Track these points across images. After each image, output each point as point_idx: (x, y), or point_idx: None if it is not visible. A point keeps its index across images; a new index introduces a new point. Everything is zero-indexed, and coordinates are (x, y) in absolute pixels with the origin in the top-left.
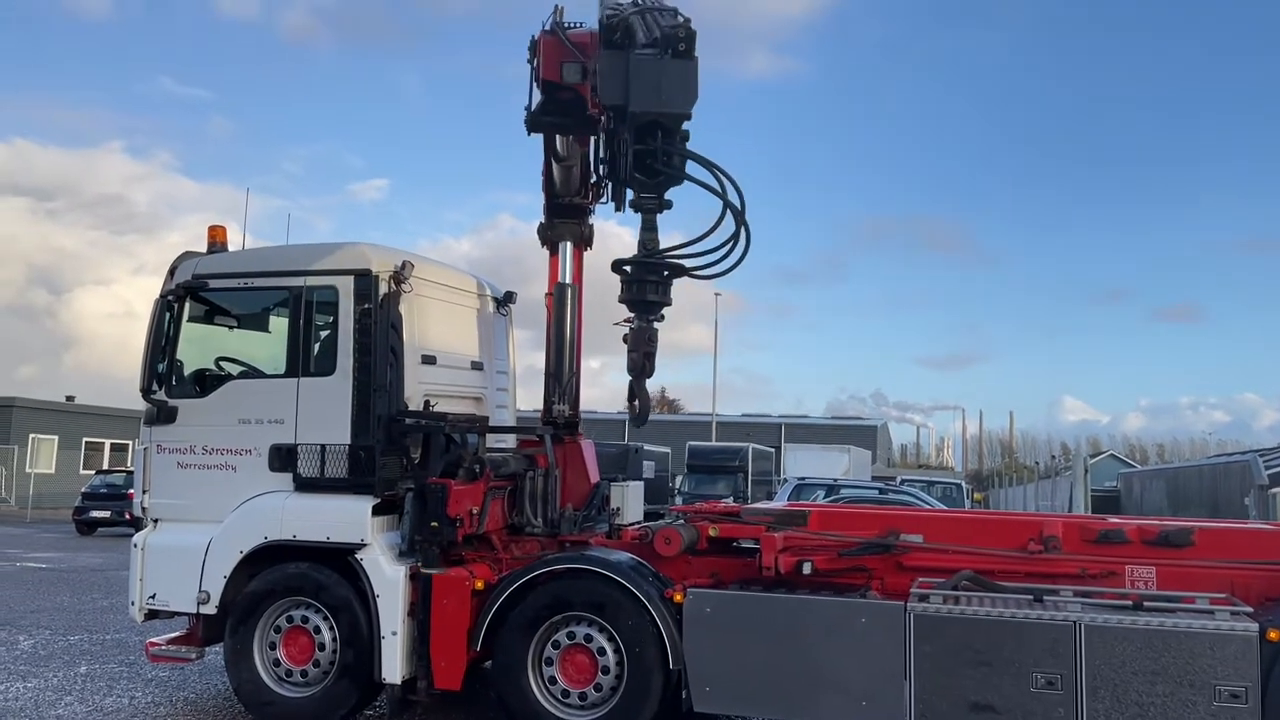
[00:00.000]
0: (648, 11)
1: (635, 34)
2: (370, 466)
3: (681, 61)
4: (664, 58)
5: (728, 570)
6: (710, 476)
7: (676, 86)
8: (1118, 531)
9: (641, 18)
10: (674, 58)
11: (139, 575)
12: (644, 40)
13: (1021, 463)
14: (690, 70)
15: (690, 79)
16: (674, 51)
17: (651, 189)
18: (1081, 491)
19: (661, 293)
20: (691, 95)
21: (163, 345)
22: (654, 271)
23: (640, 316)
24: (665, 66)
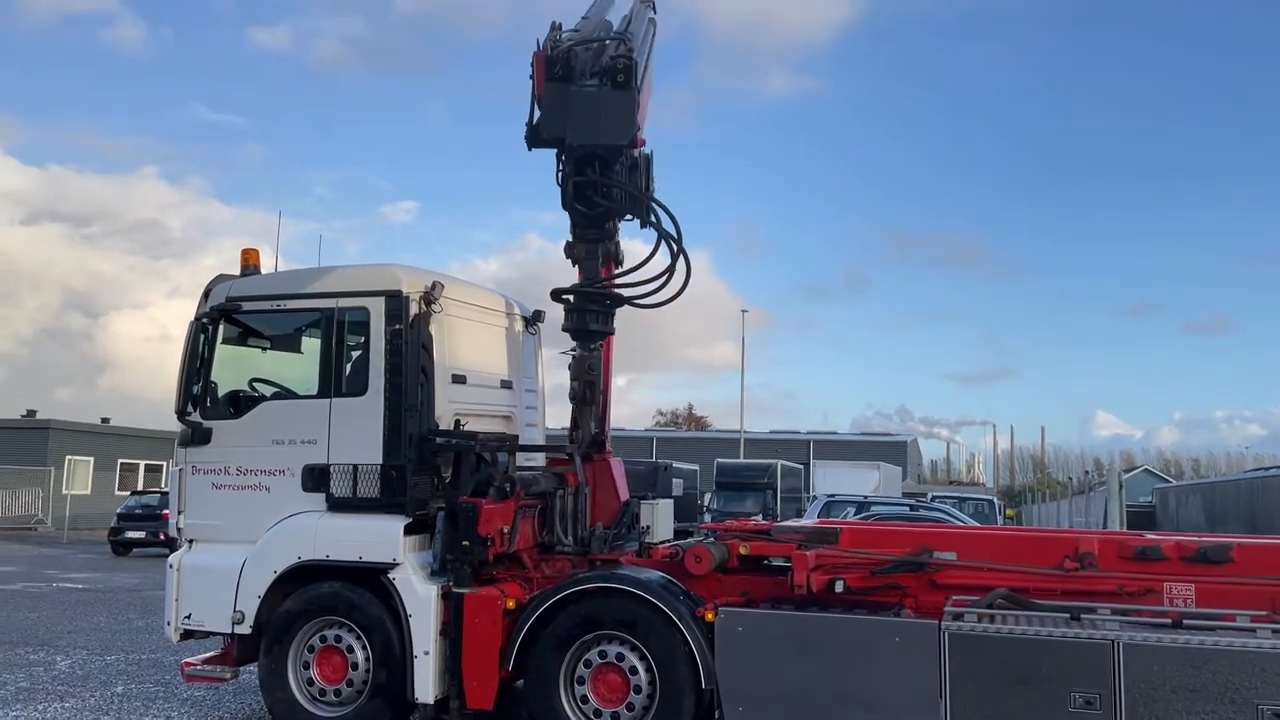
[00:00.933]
0: (589, 43)
1: (576, 67)
2: (402, 486)
3: (619, 93)
4: (603, 90)
5: (759, 589)
6: (739, 494)
7: (613, 119)
8: (1155, 548)
9: (583, 50)
10: (613, 89)
11: (174, 595)
12: (584, 73)
13: (1054, 478)
14: (627, 102)
15: (627, 111)
16: (613, 83)
17: (592, 220)
18: (1116, 507)
19: (603, 322)
20: (627, 127)
21: (197, 367)
22: (596, 301)
23: (582, 345)
24: (602, 99)
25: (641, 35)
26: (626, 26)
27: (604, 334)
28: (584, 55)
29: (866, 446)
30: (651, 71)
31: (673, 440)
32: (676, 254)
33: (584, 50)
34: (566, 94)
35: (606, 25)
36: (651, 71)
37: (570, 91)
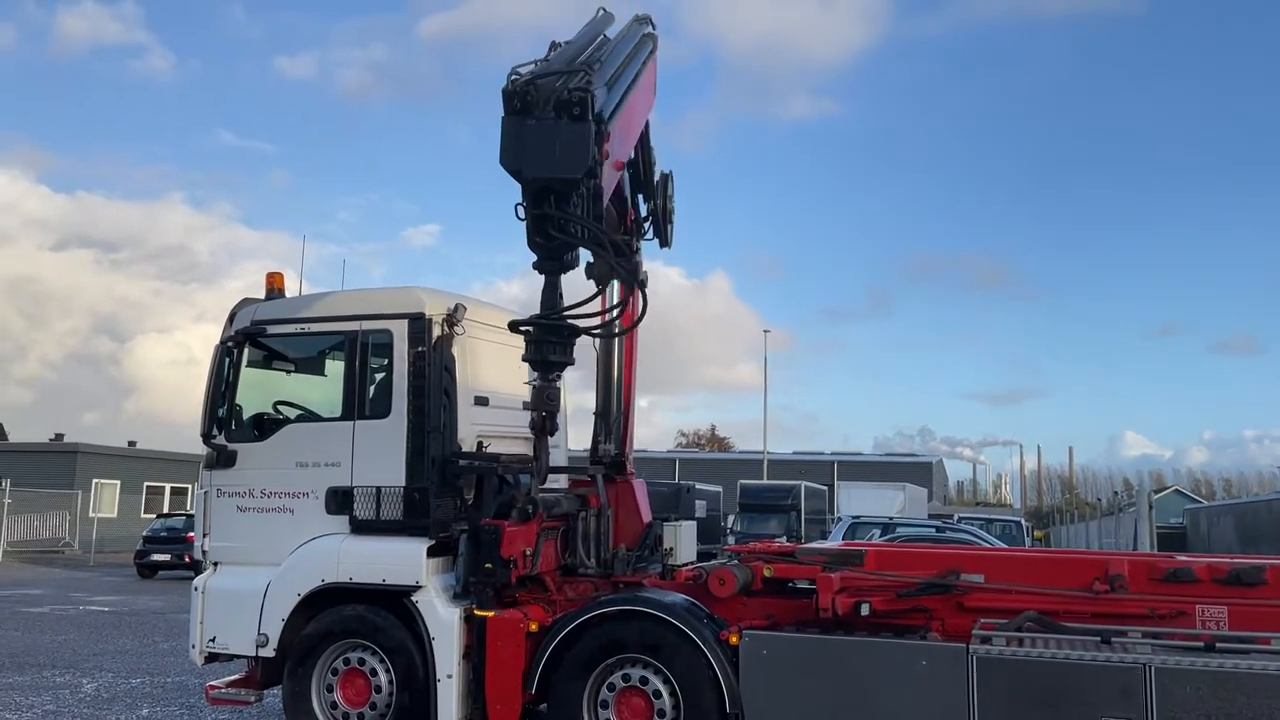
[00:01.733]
0: (546, 76)
1: (533, 101)
2: (425, 508)
3: (574, 126)
4: (558, 123)
5: (783, 612)
6: (762, 515)
7: (567, 152)
8: (1186, 570)
9: (544, 82)
10: (570, 122)
11: (199, 618)
12: (543, 106)
13: (1083, 499)
14: (582, 135)
15: (581, 144)
16: (569, 116)
17: (550, 252)
18: (1146, 528)
19: (562, 353)
20: (581, 161)
21: (222, 390)
22: (554, 332)
23: (542, 376)
24: (558, 132)
25: (623, 57)
26: (596, 51)
27: (563, 364)
28: (545, 87)
29: (891, 467)
30: (643, 89)
31: (695, 461)
32: (632, 287)
33: (544, 82)
34: (523, 128)
35: (586, 48)
36: (643, 89)
37: (526, 125)
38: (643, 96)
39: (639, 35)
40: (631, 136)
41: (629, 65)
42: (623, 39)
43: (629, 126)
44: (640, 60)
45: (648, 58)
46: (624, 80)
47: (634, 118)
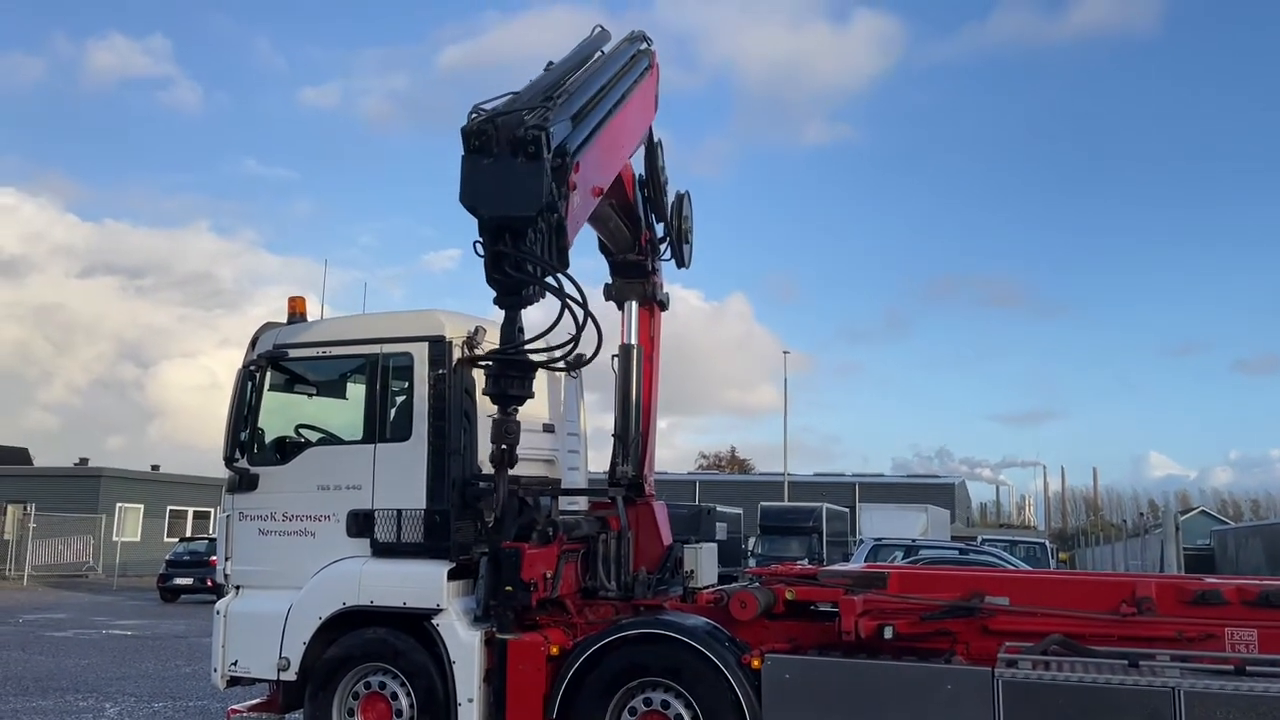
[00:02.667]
0: (505, 114)
1: (489, 139)
2: (446, 531)
3: (529, 165)
4: (514, 162)
5: (806, 635)
6: (784, 538)
7: (522, 191)
8: (1215, 592)
9: (500, 120)
10: (526, 160)
11: (221, 642)
12: (497, 145)
13: (1108, 520)
14: (536, 173)
15: (535, 183)
16: (525, 155)
17: (508, 288)
18: (1173, 550)
19: (520, 387)
20: (536, 199)
21: (245, 414)
22: (515, 367)
23: (501, 410)
24: (513, 170)
25: (600, 84)
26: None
27: (522, 398)
28: (503, 125)
29: (913, 489)
30: (634, 107)
31: (716, 483)
32: (584, 321)
33: (503, 120)
34: (479, 166)
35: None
36: (634, 107)
37: (483, 164)
38: (634, 115)
39: (628, 55)
40: (616, 159)
41: (612, 88)
42: (605, 63)
43: (612, 150)
44: (631, 79)
45: (642, 75)
46: (603, 106)
47: (620, 138)
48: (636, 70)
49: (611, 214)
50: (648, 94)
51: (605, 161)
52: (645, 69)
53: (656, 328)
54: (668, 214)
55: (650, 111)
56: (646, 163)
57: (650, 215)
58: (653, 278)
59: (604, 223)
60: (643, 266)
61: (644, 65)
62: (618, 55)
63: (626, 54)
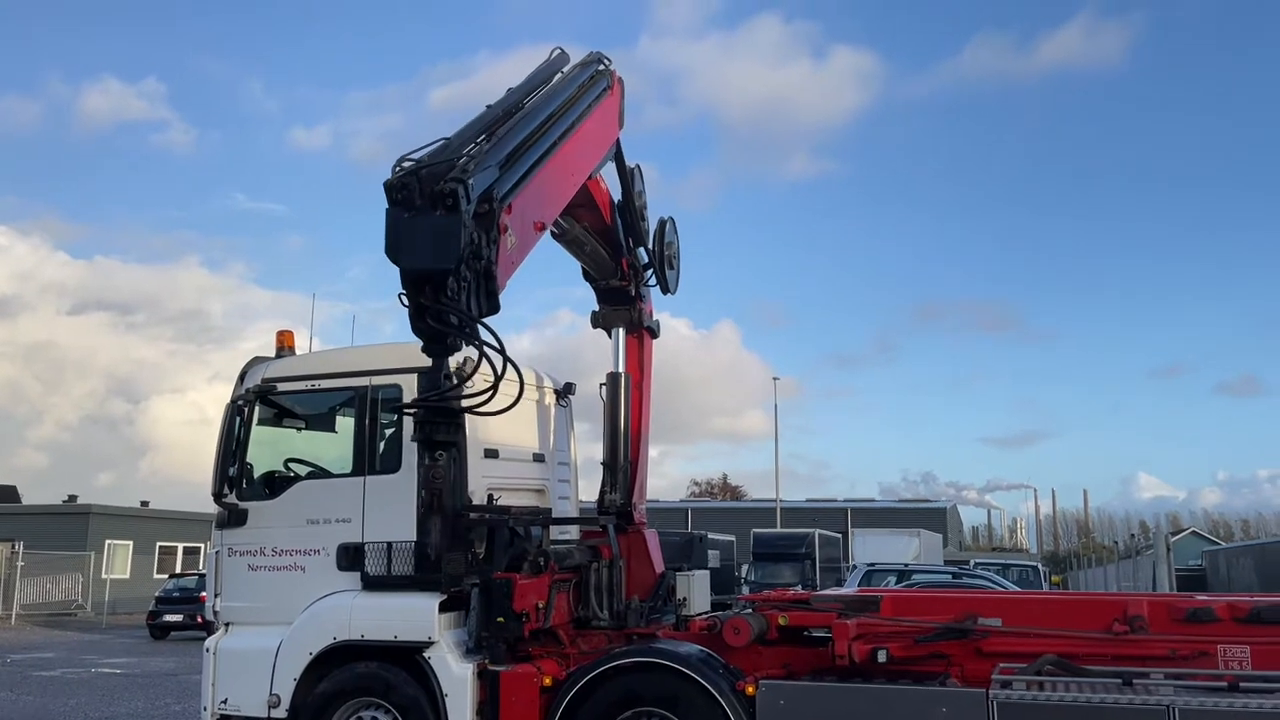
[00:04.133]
0: (430, 166)
1: (409, 193)
2: (436, 563)
3: (447, 219)
4: (433, 216)
5: (800, 660)
6: (776, 564)
7: (439, 245)
8: (1207, 610)
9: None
10: (444, 214)
11: (211, 680)
12: (420, 198)
13: (1099, 542)
14: (454, 226)
15: (452, 237)
16: (443, 208)
17: (431, 338)
18: (1165, 571)
19: (448, 433)
20: (452, 253)
21: (233, 449)
22: (442, 413)
23: (429, 455)
24: (432, 224)
25: (540, 120)
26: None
27: (452, 444)
28: (426, 178)
29: (905, 513)
30: (586, 133)
31: (707, 510)
32: (503, 369)
33: (426, 173)
34: (400, 220)
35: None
36: (586, 133)
37: (403, 218)
38: (589, 139)
39: (579, 81)
40: (566, 186)
41: (560, 118)
42: (548, 96)
43: (561, 179)
44: (584, 104)
45: (599, 96)
46: (547, 139)
47: (571, 164)
48: (592, 93)
49: (587, 238)
50: (608, 113)
51: (551, 193)
52: (604, 89)
53: (647, 355)
54: (649, 239)
55: (612, 129)
56: (622, 187)
57: (629, 240)
58: (639, 304)
59: (579, 247)
60: (626, 293)
61: (602, 86)
62: (567, 83)
63: (577, 80)
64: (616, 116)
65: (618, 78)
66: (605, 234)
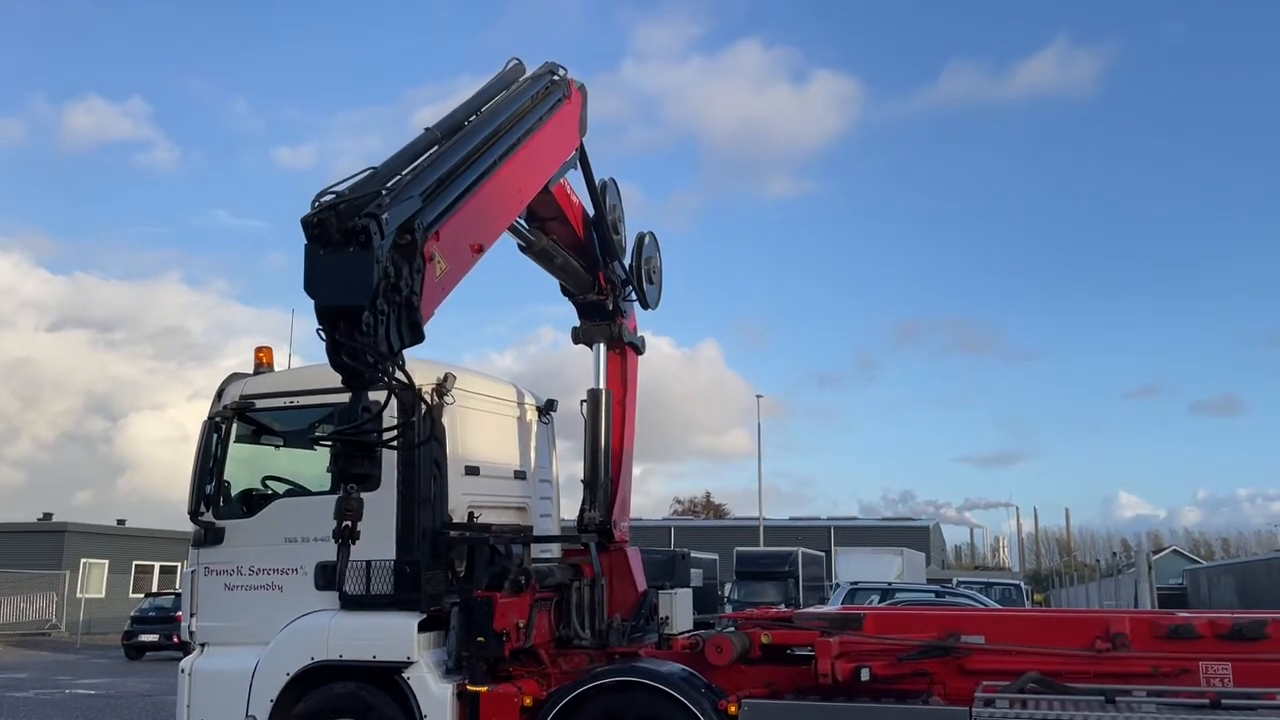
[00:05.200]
0: (347, 200)
1: (326, 229)
2: (416, 582)
3: (360, 254)
4: (347, 253)
5: (783, 679)
6: (760, 583)
7: (352, 281)
8: (1188, 626)
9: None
10: (358, 249)
11: (185, 701)
12: (335, 234)
13: (1081, 561)
14: (366, 263)
15: (364, 274)
16: (357, 244)
17: (351, 376)
18: (1147, 589)
19: (365, 465)
20: (364, 289)
21: (210, 466)
22: (359, 447)
23: (345, 488)
24: (345, 260)
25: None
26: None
27: (367, 476)
28: (345, 212)
29: (888, 532)
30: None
31: (691, 529)
32: (413, 404)
33: (345, 207)
34: (316, 256)
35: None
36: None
37: (319, 254)
38: (539, 152)
39: (529, 94)
40: (512, 204)
41: (504, 134)
42: (489, 115)
43: (505, 197)
44: (533, 117)
45: (554, 106)
46: (485, 159)
47: (516, 181)
48: (545, 104)
49: (557, 251)
50: (564, 123)
51: (492, 213)
52: (559, 99)
53: (630, 371)
54: (626, 253)
55: (572, 138)
56: (591, 199)
57: (604, 254)
58: (620, 319)
59: (549, 260)
60: (604, 308)
61: (556, 96)
62: (515, 97)
63: (528, 93)
64: (576, 125)
65: (576, 86)
66: (579, 248)
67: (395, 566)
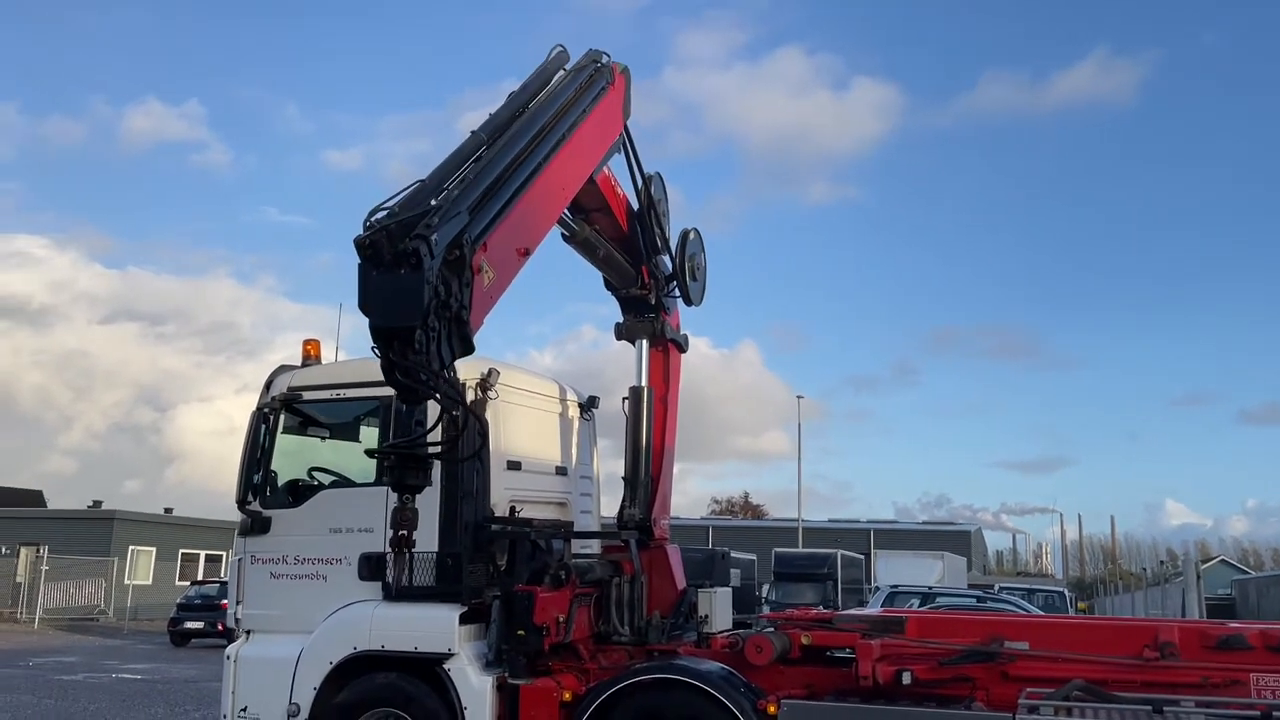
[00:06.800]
0: (398, 220)
1: (378, 250)
2: (458, 574)
3: (412, 276)
4: (398, 274)
5: (822, 681)
6: (798, 584)
7: (404, 303)
8: (1239, 637)
9: (394, 228)
10: (409, 271)
11: (231, 688)
12: (386, 257)
13: (1126, 569)
14: (418, 285)
15: (416, 294)
16: (408, 266)
17: (405, 393)
18: (1195, 599)
19: (418, 477)
20: (416, 311)
21: (258, 457)
22: (414, 459)
23: (399, 498)
24: (397, 283)
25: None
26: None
27: (421, 486)
28: (394, 234)
29: (928, 536)
30: (583, 137)
31: (728, 529)
32: (466, 421)
33: (395, 228)
34: (369, 277)
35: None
36: (583, 137)
37: (372, 275)
38: (581, 147)
39: (574, 86)
40: (553, 206)
41: (547, 134)
42: (534, 114)
43: (547, 199)
44: (578, 111)
45: (598, 96)
46: (529, 164)
47: (560, 180)
48: (588, 95)
49: (600, 242)
50: (608, 111)
51: (538, 216)
52: (602, 89)
53: (673, 369)
54: (671, 248)
55: (615, 124)
56: (635, 189)
57: (648, 247)
58: (663, 316)
59: (592, 251)
60: (648, 302)
61: (599, 86)
62: (558, 94)
63: (570, 88)
64: (619, 111)
65: (620, 70)
66: (622, 240)
67: (437, 559)
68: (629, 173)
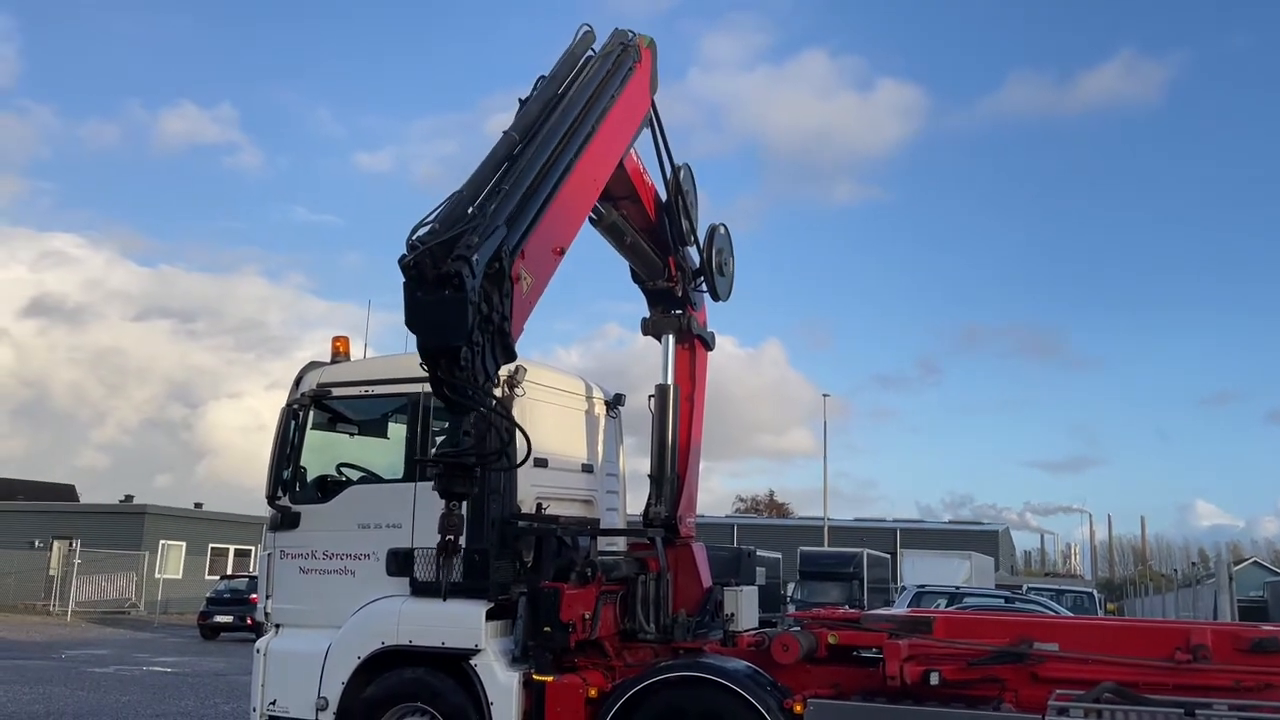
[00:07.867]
0: (438, 240)
1: (424, 273)
2: (485, 570)
3: (455, 296)
4: (441, 295)
5: (849, 680)
6: (823, 583)
7: (449, 323)
8: (1273, 640)
9: (436, 247)
10: (453, 292)
11: (260, 681)
12: (430, 278)
13: (1156, 570)
14: (461, 306)
15: (459, 316)
16: (451, 288)
17: (454, 406)
18: (1227, 601)
19: (465, 485)
20: (460, 331)
21: (288, 452)
22: (462, 467)
23: (447, 505)
24: (441, 304)
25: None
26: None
27: (468, 494)
28: (434, 255)
29: (956, 535)
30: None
31: (754, 527)
32: (510, 433)
33: (435, 250)
34: (414, 298)
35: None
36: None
37: (416, 296)
38: (610, 134)
39: (600, 75)
40: (586, 200)
41: (578, 127)
42: (566, 109)
43: (579, 194)
44: (606, 97)
45: (625, 77)
46: (561, 162)
47: (591, 173)
48: (616, 79)
49: (627, 228)
50: (635, 91)
51: (571, 212)
52: (629, 70)
53: (699, 367)
54: (699, 240)
55: (643, 102)
56: (661, 167)
57: (675, 234)
58: (690, 311)
59: (619, 237)
60: (674, 295)
61: (627, 66)
62: (587, 83)
63: (598, 75)
64: (647, 87)
65: (645, 44)
66: (650, 230)
67: (464, 555)
68: (655, 151)
